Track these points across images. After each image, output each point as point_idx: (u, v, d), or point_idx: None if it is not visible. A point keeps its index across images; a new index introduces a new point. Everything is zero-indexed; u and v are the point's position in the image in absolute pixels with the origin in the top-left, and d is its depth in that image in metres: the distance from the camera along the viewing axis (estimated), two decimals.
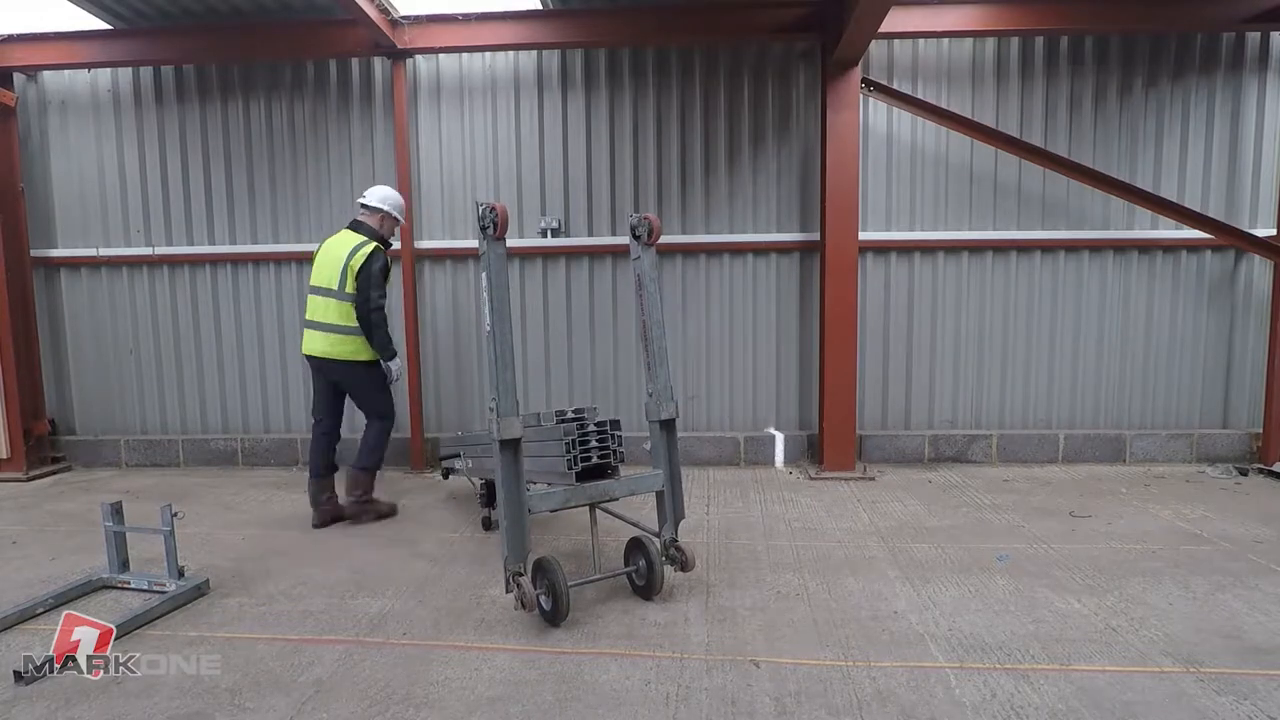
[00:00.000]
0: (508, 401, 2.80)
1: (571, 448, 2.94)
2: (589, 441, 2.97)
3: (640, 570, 3.12)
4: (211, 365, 5.80)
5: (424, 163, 5.51)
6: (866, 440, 5.49)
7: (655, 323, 3.21)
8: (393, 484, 5.14)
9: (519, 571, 2.83)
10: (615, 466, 3.07)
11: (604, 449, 3.01)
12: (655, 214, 5.43)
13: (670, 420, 3.22)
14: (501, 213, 2.80)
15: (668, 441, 3.21)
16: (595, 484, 2.99)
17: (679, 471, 3.24)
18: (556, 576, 2.83)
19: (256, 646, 2.74)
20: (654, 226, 3.21)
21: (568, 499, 2.94)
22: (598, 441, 2.99)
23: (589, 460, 2.97)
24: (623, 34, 5.15)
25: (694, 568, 3.14)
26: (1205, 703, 2.28)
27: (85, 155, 5.70)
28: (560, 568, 2.87)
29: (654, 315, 3.21)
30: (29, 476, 5.41)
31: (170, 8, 5.20)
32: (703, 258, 5.50)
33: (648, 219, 3.21)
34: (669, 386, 3.23)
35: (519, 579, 2.81)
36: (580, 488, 2.96)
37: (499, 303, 2.82)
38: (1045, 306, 5.43)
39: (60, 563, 3.65)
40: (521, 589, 2.78)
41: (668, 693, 2.38)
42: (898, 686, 2.39)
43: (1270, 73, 5.19)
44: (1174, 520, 4.06)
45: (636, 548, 3.13)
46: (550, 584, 2.85)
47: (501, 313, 2.83)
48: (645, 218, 3.21)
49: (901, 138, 5.33)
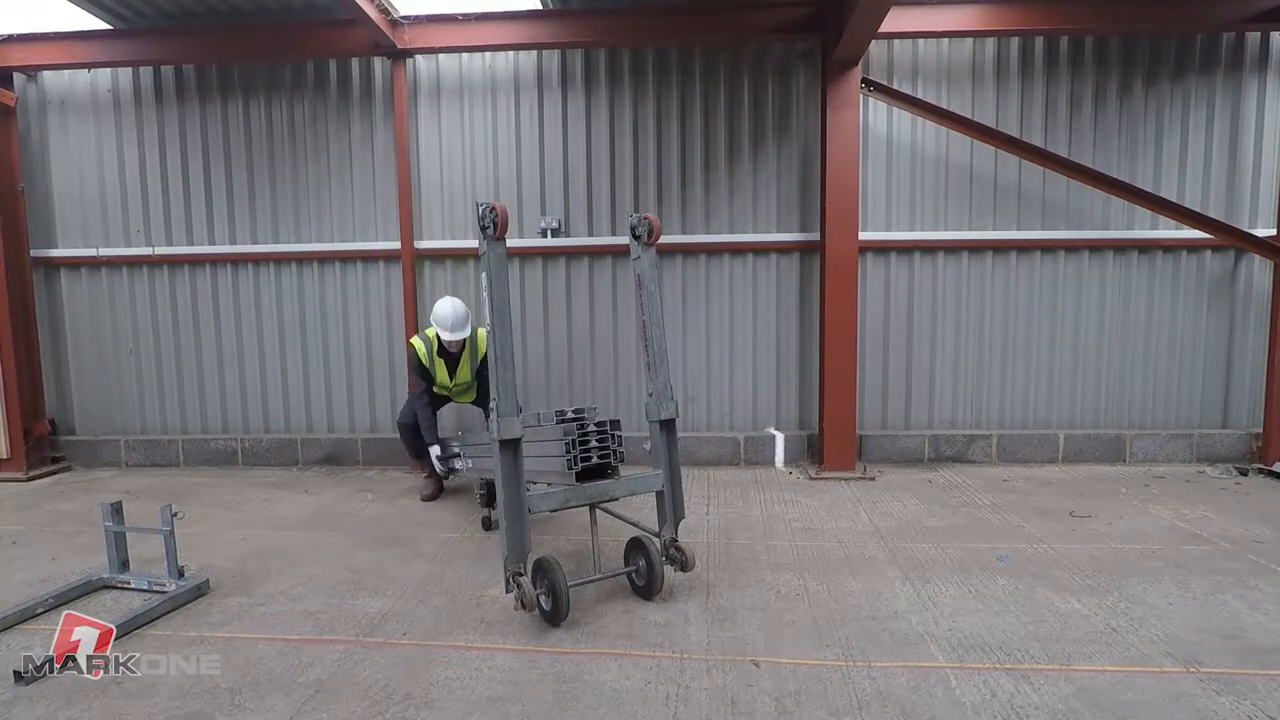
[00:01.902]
0: (508, 401, 2.81)
1: (571, 448, 2.94)
2: (589, 442, 2.97)
3: (640, 570, 3.12)
4: (211, 365, 5.80)
5: (424, 163, 5.51)
6: (866, 440, 5.49)
7: (655, 322, 3.22)
8: (393, 484, 5.14)
9: (519, 571, 2.84)
10: (615, 467, 3.08)
11: (604, 449, 3.01)
12: (655, 214, 5.45)
13: (670, 420, 3.22)
14: (501, 213, 2.79)
15: (668, 441, 3.21)
16: (595, 484, 2.99)
17: (679, 471, 3.25)
18: (556, 576, 2.84)
19: (256, 646, 2.74)
20: (654, 226, 3.20)
21: (567, 499, 2.95)
22: (598, 441, 2.99)
23: (589, 460, 2.97)
24: (623, 34, 5.15)
25: (694, 568, 3.14)
26: (1205, 703, 2.28)
27: (85, 155, 5.70)
28: (560, 567, 2.87)
29: (654, 315, 3.22)
30: (29, 476, 5.41)
31: (170, 8, 5.20)
32: (703, 258, 5.50)
33: (647, 219, 3.20)
34: (669, 386, 3.23)
35: (519, 579, 2.82)
36: (580, 488, 2.97)
37: (499, 303, 2.83)
38: (1045, 306, 5.43)
39: (60, 563, 3.65)
40: (521, 589, 2.78)
41: (668, 693, 2.38)
42: (898, 686, 2.39)
43: (1270, 73, 5.19)
44: (1174, 520, 4.06)
45: (636, 548, 3.14)
46: (550, 584, 2.85)
47: (501, 312, 2.83)
48: (645, 218, 3.21)
49: (901, 138, 5.33)
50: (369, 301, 5.66)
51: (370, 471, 5.53)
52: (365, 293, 5.65)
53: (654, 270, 3.27)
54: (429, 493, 4.75)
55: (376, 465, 5.66)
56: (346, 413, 5.78)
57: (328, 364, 5.75)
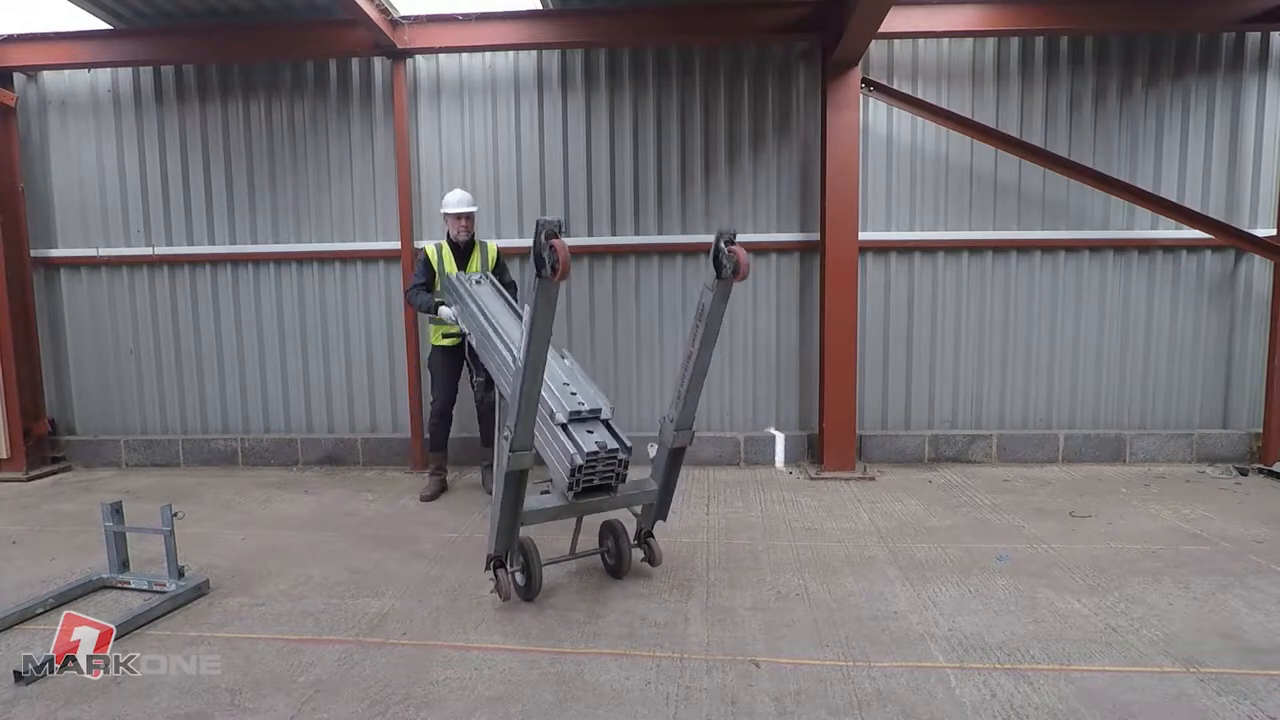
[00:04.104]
0: (525, 438, 2.76)
1: (576, 474, 2.91)
2: (595, 467, 2.94)
3: (611, 550, 3.32)
4: (211, 365, 5.80)
5: (424, 163, 5.51)
6: (866, 440, 5.49)
7: (703, 359, 2.97)
8: (393, 484, 5.14)
9: (501, 563, 3.00)
10: (614, 488, 3.10)
11: (607, 476, 3.00)
12: (655, 213, 5.47)
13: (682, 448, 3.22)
14: (563, 256, 2.29)
15: (671, 463, 3.23)
16: (591, 499, 3.05)
17: (674, 485, 3.32)
18: (531, 558, 3.03)
19: (256, 646, 2.74)
20: (741, 264, 2.68)
21: (561, 512, 3.08)
22: (604, 466, 2.97)
23: (590, 483, 2.99)
24: (623, 34, 5.15)
25: (660, 563, 3.32)
26: (1205, 703, 2.28)
27: (85, 155, 5.69)
28: (535, 549, 3.06)
29: (706, 352, 2.96)
30: (29, 476, 5.41)
31: (170, 8, 5.20)
32: (703, 257, 5.43)
33: (734, 253, 2.69)
34: (692, 418, 3.16)
35: (498, 571, 3.00)
36: (576, 504, 3.05)
37: (537, 347, 2.55)
38: (1045, 306, 5.43)
39: (60, 563, 3.65)
40: (498, 580, 2.98)
41: (668, 693, 2.38)
42: (898, 686, 2.39)
43: (1270, 73, 5.19)
44: (1174, 520, 4.06)
45: (609, 530, 3.31)
46: (526, 563, 3.04)
47: (538, 358, 2.58)
48: (732, 251, 2.70)
49: (901, 138, 5.33)
50: (369, 301, 5.66)
51: (370, 471, 5.53)
52: (365, 293, 5.65)
53: (722, 306, 2.88)
54: (430, 492, 4.74)
55: (376, 465, 5.66)
56: (346, 413, 5.78)
57: (328, 364, 5.75)
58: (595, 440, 2.96)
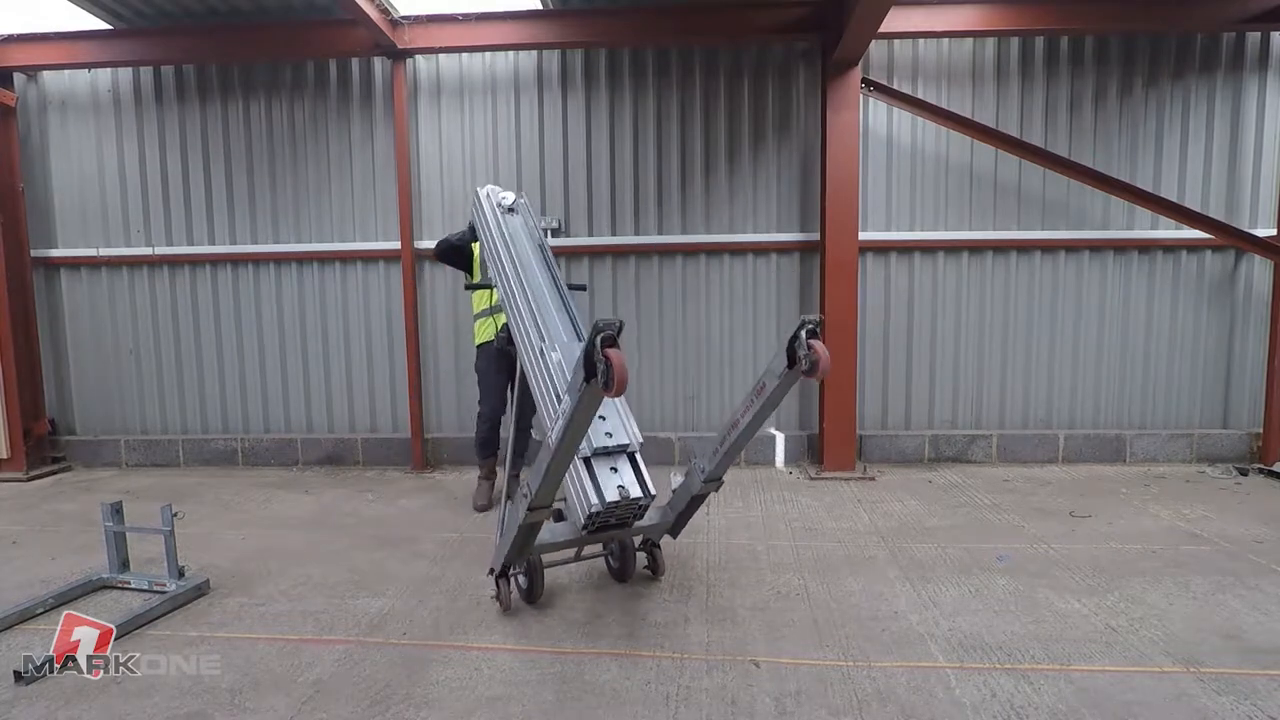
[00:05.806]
0: (548, 497, 2.62)
1: (593, 519, 2.70)
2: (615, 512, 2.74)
3: (615, 553, 3.29)
4: (211, 365, 5.80)
5: (424, 163, 5.51)
6: (866, 440, 5.49)
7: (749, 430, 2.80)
8: (393, 484, 5.14)
9: (504, 574, 2.98)
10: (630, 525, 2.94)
11: (625, 517, 2.83)
12: (655, 214, 5.47)
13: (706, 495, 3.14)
14: (620, 372, 1.99)
15: (692, 504, 3.15)
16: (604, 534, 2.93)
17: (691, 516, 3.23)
18: (534, 560, 3.01)
19: (256, 646, 2.74)
20: (820, 364, 2.44)
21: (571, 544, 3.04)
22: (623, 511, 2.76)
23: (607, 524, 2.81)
24: (623, 34, 5.15)
25: (663, 574, 3.29)
26: (1205, 703, 2.28)
27: (85, 155, 5.70)
28: (539, 556, 3.01)
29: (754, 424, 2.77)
30: (29, 476, 5.41)
31: (170, 8, 5.20)
32: (703, 258, 5.50)
33: (815, 350, 2.44)
34: (724, 473, 3.06)
35: (499, 581, 2.98)
36: (588, 537, 2.98)
37: (571, 438, 2.38)
38: (1045, 306, 5.43)
39: (60, 563, 3.65)
40: (500, 591, 2.97)
41: (668, 693, 2.38)
42: (898, 686, 2.39)
43: (1270, 73, 5.19)
44: (1174, 520, 4.06)
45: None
46: (529, 566, 3.02)
47: (571, 445, 2.42)
48: (813, 348, 2.45)
49: (901, 138, 5.33)
50: (369, 301, 5.66)
51: (370, 472, 5.53)
52: (365, 293, 5.65)
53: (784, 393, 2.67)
54: (483, 502, 4.46)
55: (376, 465, 5.66)
56: (346, 413, 5.78)
57: (328, 364, 5.75)
58: (617, 485, 2.71)
